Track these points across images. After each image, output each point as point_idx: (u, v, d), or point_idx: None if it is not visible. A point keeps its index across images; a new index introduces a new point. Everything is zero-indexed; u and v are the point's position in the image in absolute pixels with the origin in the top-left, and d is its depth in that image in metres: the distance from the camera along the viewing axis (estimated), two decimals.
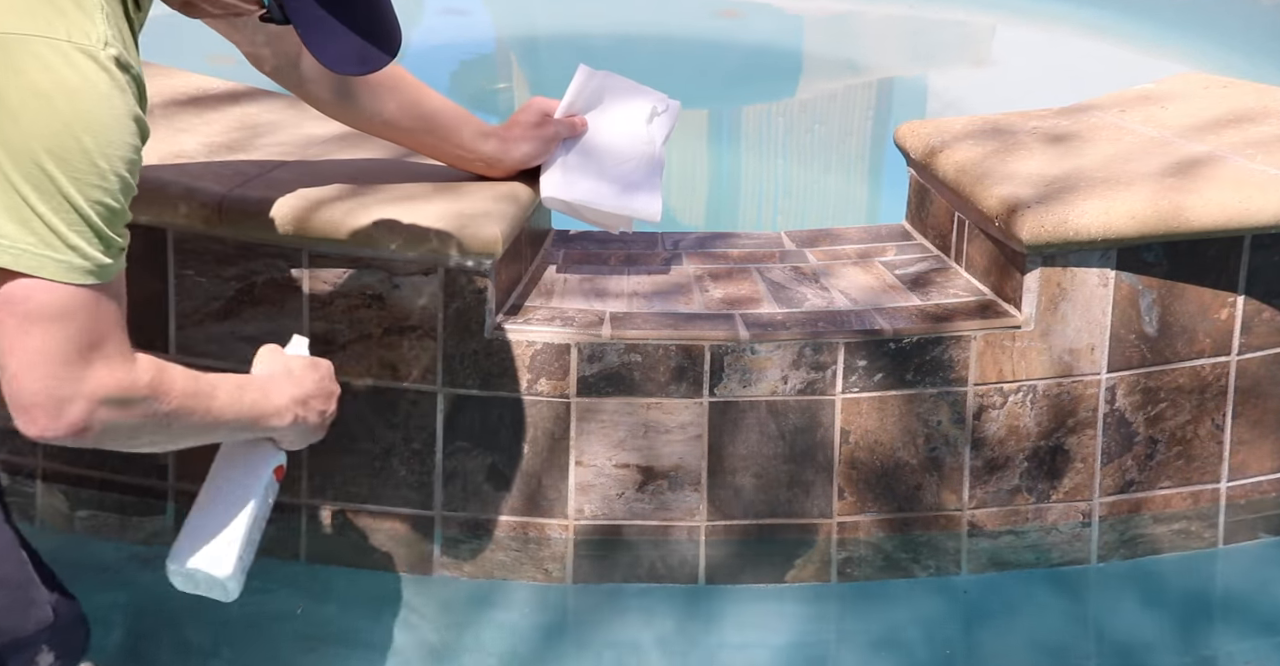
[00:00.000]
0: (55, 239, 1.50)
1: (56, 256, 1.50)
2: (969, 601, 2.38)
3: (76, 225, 1.50)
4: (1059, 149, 2.50)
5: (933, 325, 2.33)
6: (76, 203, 1.50)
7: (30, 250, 1.50)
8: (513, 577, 2.38)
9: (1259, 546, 2.52)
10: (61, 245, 1.50)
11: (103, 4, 1.54)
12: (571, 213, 2.40)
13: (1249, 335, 2.42)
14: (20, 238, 1.49)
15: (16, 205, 1.48)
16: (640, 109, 2.38)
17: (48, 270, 1.51)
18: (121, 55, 1.54)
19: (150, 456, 2.40)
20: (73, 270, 1.52)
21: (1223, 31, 5.62)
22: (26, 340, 1.52)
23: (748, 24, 6.07)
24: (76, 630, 1.87)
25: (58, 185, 1.48)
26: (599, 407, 2.31)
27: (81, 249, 1.51)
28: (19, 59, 1.47)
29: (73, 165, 1.49)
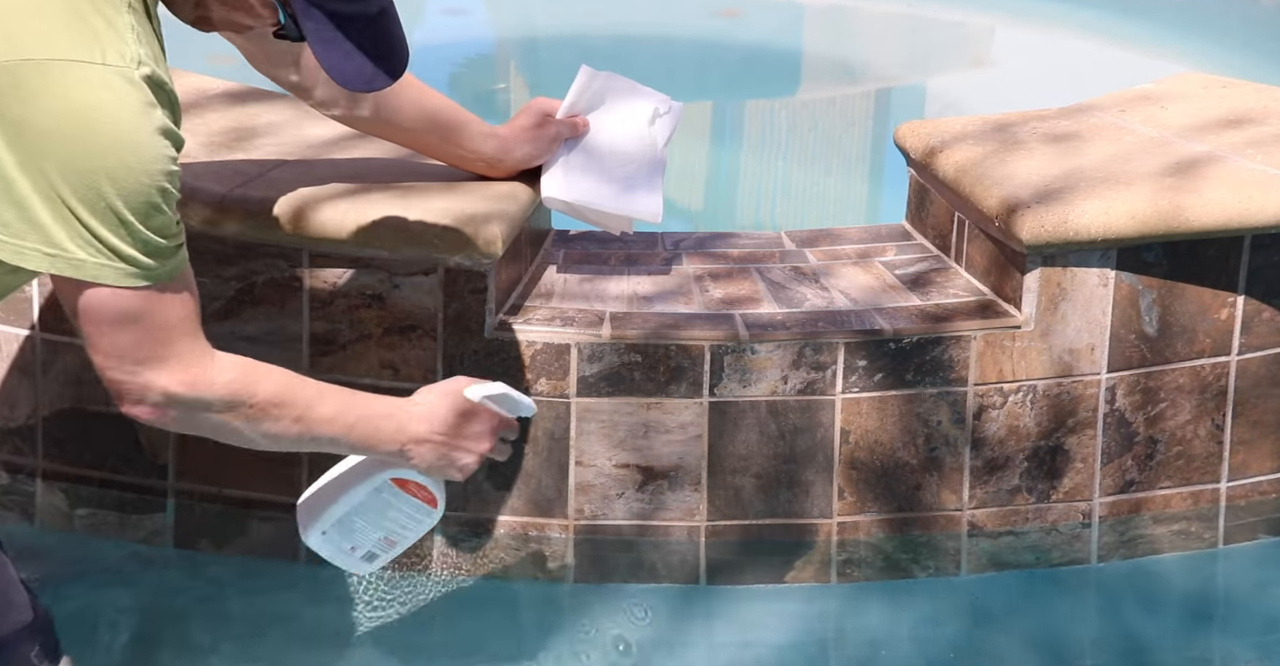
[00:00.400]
0: (110, 251, 1.61)
1: (114, 266, 1.62)
2: (969, 601, 2.38)
3: (127, 237, 1.61)
4: (1059, 149, 2.50)
5: (933, 325, 2.33)
6: (124, 216, 1.60)
7: (90, 262, 1.61)
8: (513, 577, 2.38)
9: (1259, 547, 2.52)
10: (116, 257, 1.61)
11: (132, 24, 1.63)
12: (572, 213, 2.40)
13: (1249, 335, 2.42)
14: (78, 252, 1.60)
15: (72, 223, 1.58)
16: (642, 110, 2.38)
17: (108, 278, 1.63)
18: (154, 73, 1.63)
19: (150, 455, 2.40)
20: (130, 276, 1.63)
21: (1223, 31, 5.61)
22: (105, 341, 1.67)
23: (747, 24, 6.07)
24: (50, 631, 1.91)
25: (108, 202, 1.58)
26: (599, 407, 2.31)
27: (134, 258, 1.62)
28: (60, 85, 1.57)
29: (119, 182, 1.58)
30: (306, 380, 1.86)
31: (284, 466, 2.37)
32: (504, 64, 5.92)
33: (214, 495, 2.40)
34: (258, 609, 2.31)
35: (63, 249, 1.59)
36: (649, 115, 2.38)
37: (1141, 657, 2.30)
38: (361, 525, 2.02)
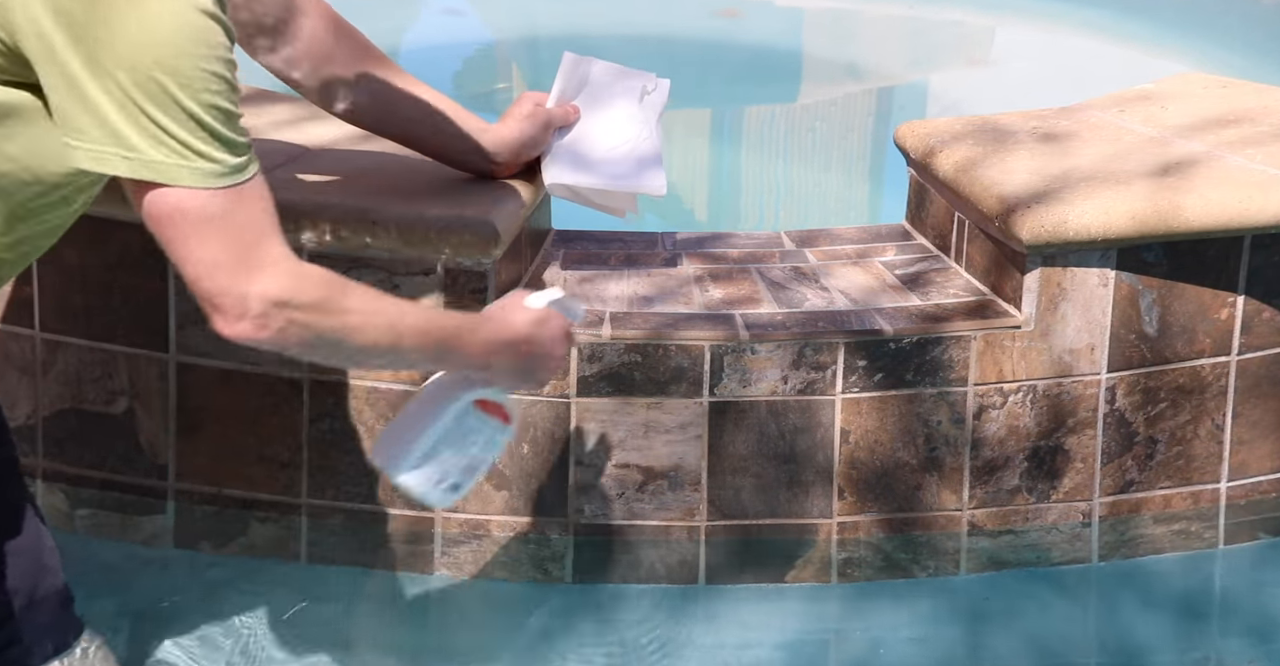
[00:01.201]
0: (183, 148, 1.58)
1: (189, 165, 1.58)
2: (969, 601, 2.38)
3: (197, 132, 1.57)
4: (1059, 149, 2.50)
5: (932, 325, 2.33)
6: (192, 110, 1.57)
7: (164, 161, 1.58)
8: (513, 577, 2.38)
9: (1259, 547, 2.52)
10: (190, 153, 1.58)
11: None
12: (577, 199, 2.40)
13: (1249, 335, 2.42)
14: (151, 151, 1.57)
15: (142, 122, 1.56)
16: (630, 89, 2.39)
17: (185, 178, 1.59)
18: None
19: (150, 455, 2.40)
20: (207, 175, 1.59)
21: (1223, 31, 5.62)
22: (192, 248, 1.62)
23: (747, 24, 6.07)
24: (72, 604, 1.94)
25: (173, 96, 1.56)
26: (599, 407, 2.31)
27: (208, 153, 1.59)
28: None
29: (181, 73, 1.56)
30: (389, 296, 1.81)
31: (283, 467, 2.37)
32: (504, 64, 5.93)
33: (214, 495, 2.41)
34: (258, 609, 2.31)
35: (139, 151, 1.57)
36: (638, 93, 2.38)
37: (1141, 657, 2.30)
38: (447, 453, 1.98)
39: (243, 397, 2.36)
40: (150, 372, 2.37)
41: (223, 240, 1.63)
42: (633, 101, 2.39)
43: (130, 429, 2.39)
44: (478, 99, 5.22)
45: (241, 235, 1.64)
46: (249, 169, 1.64)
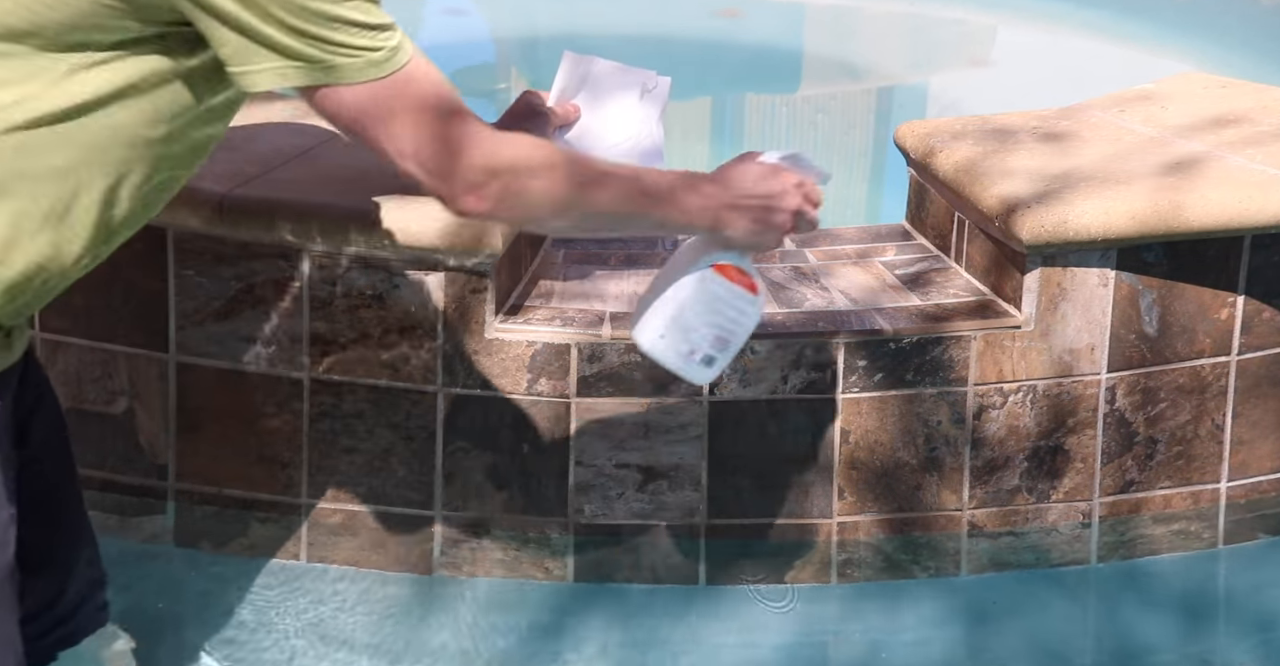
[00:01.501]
0: (337, 46, 1.57)
1: (356, 61, 1.59)
2: (969, 601, 2.38)
3: (349, 29, 1.57)
4: (1059, 149, 2.50)
5: (933, 325, 2.33)
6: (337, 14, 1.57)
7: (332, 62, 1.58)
8: (513, 577, 2.38)
9: (1259, 546, 2.52)
10: (353, 50, 1.58)
11: None
12: None
13: (1249, 335, 2.42)
14: (314, 56, 1.57)
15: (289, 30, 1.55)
16: (631, 86, 2.34)
17: (355, 74, 1.59)
18: None
19: (150, 455, 2.40)
20: (373, 66, 1.60)
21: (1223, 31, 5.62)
22: (393, 138, 1.63)
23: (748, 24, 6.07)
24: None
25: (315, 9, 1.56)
26: (599, 407, 2.31)
27: (367, 46, 1.59)
28: None
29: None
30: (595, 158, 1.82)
31: (284, 467, 2.37)
32: (504, 64, 5.93)
33: (214, 495, 2.41)
34: (258, 608, 2.31)
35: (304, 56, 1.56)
36: (638, 91, 2.34)
37: (1141, 657, 2.30)
38: (694, 322, 1.95)
39: (243, 397, 2.36)
40: (150, 372, 2.37)
41: (416, 123, 1.63)
42: (633, 99, 2.38)
43: (130, 429, 2.39)
44: (478, 99, 5.22)
45: (431, 113, 1.64)
46: (407, 46, 1.63)
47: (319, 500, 2.38)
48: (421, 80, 1.64)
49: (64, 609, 1.93)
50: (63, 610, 1.93)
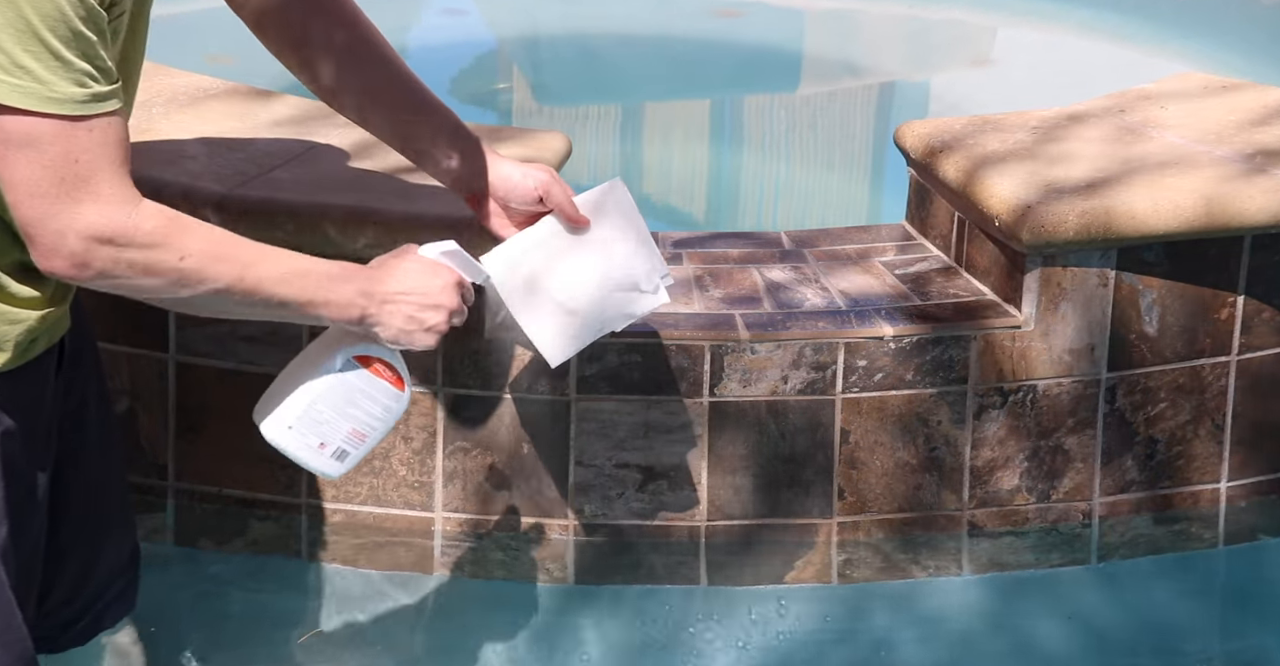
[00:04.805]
0: (8, 62, 1.49)
1: (10, 81, 1.50)
2: (969, 601, 2.38)
3: (36, 51, 1.50)
4: (1059, 149, 2.50)
5: (933, 325, 2.33)
6: (33, 24, 1.49)
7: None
8: (513, 577, 2.38)
9: (1259, 547, 2.52)
10: (15, 68, 1.49)
11: None
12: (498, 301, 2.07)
13: (1249, 335, 2.42)
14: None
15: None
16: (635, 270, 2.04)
17: (4, 96, 1.50)
18: None
19: (150, 455, 2.40)
20: (29, 96, 1.51)
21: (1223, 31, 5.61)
22: (13, 170, 1.54)
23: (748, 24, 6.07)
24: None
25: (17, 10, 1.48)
26: (599, 407, 2.31)
27: (41, 77, 1.50)
28: None
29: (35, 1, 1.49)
30: (248, 240, 1.69)
31: (284, 466, 2.37)
32: (504, 64, 5.92)
33: (214, 494, 2.41)
34: (258, 607, 2.31)
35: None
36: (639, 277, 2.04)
37: (1142, 657, 2.31)
38: (329, 415, 1.84)
39: (243, 397, 2.34)
40: (150, 372, 2.37)
41: (44, 167, 1.53)
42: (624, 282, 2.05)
43: (130, 428, 2.39)
44: (478, 99, 5.22)
45: (68, 167, 1.54)
46: (95, 105, 1.54)
47: (319, 500, 2.38)
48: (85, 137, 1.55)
49: (91, 598, 1.94)
50: (90, 599, 1.93)
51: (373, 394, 1.85)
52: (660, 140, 4.88)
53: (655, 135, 4.95)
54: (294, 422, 1.83)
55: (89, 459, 1.88)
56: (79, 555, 1.91)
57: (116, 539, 1.98)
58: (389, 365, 1.84)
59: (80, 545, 1.90)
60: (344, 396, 1.84)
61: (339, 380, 1.83)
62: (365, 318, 1.76)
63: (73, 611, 1.93)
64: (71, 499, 1.86)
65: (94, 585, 1.96)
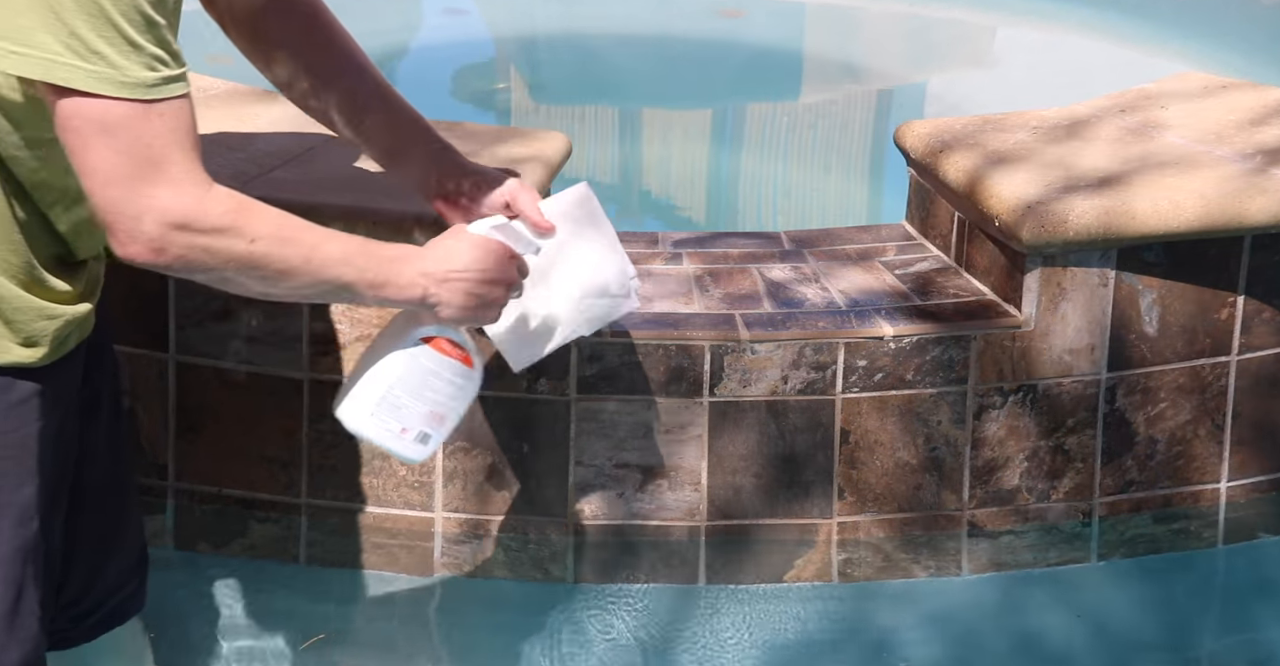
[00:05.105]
0: (86, 50, 1.51)
1: (86, 66, 1.51)
2: (969, 601, 2.38)
3: (108, 34, 1.51)
4: (1059, 149, 2.50)
5: (932, 325, 2.33)
6: (106, 9, 1.51)
7: (59, 60, 1.51)
8: (513, 577, 2.38)
9: (1259, 547, 2.52)
10: (93, 56, 1.51)
11: None
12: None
13: (1249, 335, 2.42)
14: (50, 47, 1.50)
15: (50, 15, 1.49)
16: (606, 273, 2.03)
17: (79, 81, 1.52)
18: None
19: (150, 455, 2.40)
20: (107, 82, 1.52)
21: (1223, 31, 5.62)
22: (90, 156, 1.55)
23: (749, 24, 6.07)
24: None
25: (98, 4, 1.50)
26: (599, 407, 2.31)
27: (114, 61, 1.52)
28: None
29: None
30: (311, 223, 1.71)
31: (284, 467, 2.37)
32: (504, 64, 5.93)
33: (214, 495, 2.41)
34: (258, 609, 2.31)
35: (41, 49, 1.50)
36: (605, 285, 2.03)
37: (1142, 657, 2.31)
38: (405, 399, 1.87)
39: (243, 397, 2.36)
40: (150, 372, 2.37)
41: (118, 153, 1.54)
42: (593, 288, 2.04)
43: (130, 428, 2.39)
44: (478, 99, 5.22)
45: (143, 151, 1.55)
46: (166, 88, 1.55)
47: (319, 500, 2.38)
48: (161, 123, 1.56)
49: (103, 595, 1.95)
50: (101, 596, 1.95)
51: (444, 374, 1.88)
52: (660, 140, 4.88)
53: (655, 135, 4.96)
54: (374, 410, 1.86)
55: (102, 456, 1.89)
56: (92, 552, 1.92)
57: (127, 537, 1.99)
58: (456, 344, 1.87)
59: (93, 542, 1.91)
60: (418, 379, 1.87)
61: (411, 363, 1.86)
62: (427, 297, 1.78)
63: (83, 608, 1.94)
64: (86, 496, 1.87)
65: (106, 582, 1.96)
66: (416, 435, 1.88)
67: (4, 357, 1.62)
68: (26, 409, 1.66)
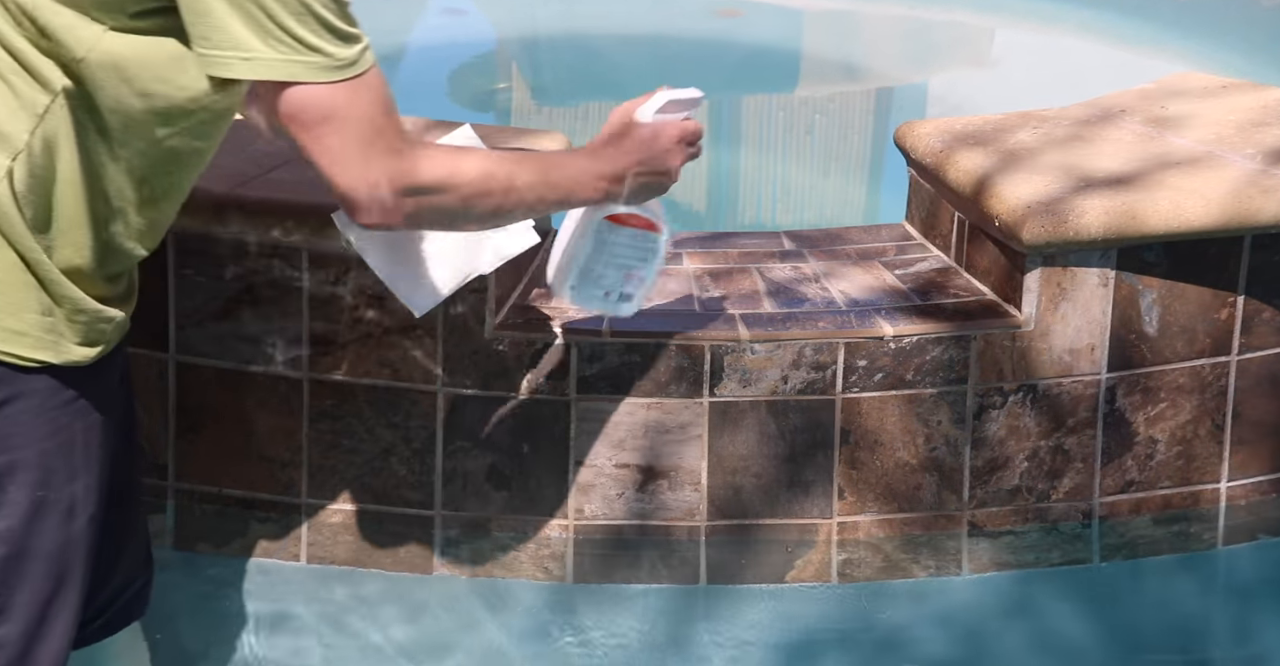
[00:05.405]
0: (299, 44, 1.58)
1: (306, 60, 1.59)
2: (969, 601, 2.38)
3: (311, 24, 1.58)
4: (1059, 149, 2.50)
5: (933, 325, 2.33)
6: (309, 4, 1.58)
7: (281, 59, 1.58)
8: (513, 577, 2.38)
9: (1259, 547, 2.52)
10: (305, 48, 1.58)
11: None
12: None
13: (1249, 335, 2.42)
14: (269, 51, 1.58)
15: (259, 19, 1.56)
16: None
17: (303, 74, 1.59)
18: None
19: (150, 455, 2.40)
20: (324, 69, 1.60)
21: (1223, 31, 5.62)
22: (321, 143, 1.64)
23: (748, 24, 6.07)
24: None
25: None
26: (599, 407, 2.31)
27: (322, 48, 1.59)
28: None
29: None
30: (497, 154, 1.86)
31: (284, 467, 2.37)
32: (504, 64, 5.93)
33: (214, 495, 2.41)
34: (258, 609, 2.31)
35: (256, 51, 1.58)
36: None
37: (1142, 657, 2.31)
38: (601, 269, 2.07)
39: (243, 397, 2.36)
40: (150, 372, 2.37)
41: (347, 134, 1.64)
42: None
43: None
44: (478, 99, 5.22)
45: (366, 126, 1.65)
46: (365, 59, 1.64)
47: (319, 500, 2.38)
48: (367, 95, 1.64)
49: (112, 595, 1.96)
50: (111, 595, 1.96)
51: (633, 243, 2.07)
52: None
53: None
54: (575, 282, 2.08)
55: (124, 454, 1.92)
56: (105, 551, 1.93)
57: (136, 537, 2.00)
58: (637, 215, 2.05)
59: (107, 541, 1.92)
60: (609, 252, 2.06)
61: (600, 240, 2.05)
62: (610, 195, 1.95)
63: (92, 609, 1.95)
64: (113, 494, 1.89)
65: (116, 582, 1.97)
66: (619, 295, 2.11)
67: (63, 357, 1.67)
68: (78, 406, 1.70)
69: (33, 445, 1.68)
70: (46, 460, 1.69)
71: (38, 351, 1.65)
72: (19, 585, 1.70)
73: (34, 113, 1.60)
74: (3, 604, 1.69)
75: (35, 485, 1.69)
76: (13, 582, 1.70)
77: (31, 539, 1.70)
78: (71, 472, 1.72)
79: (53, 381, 1.67)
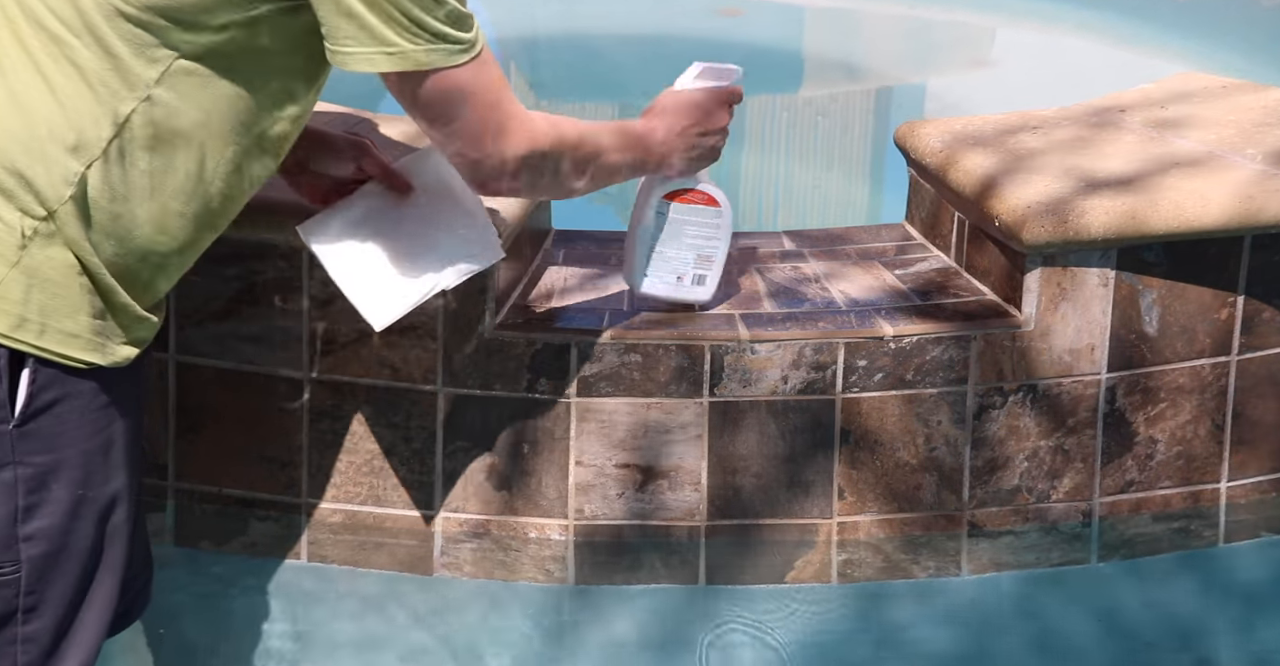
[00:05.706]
0: (430, 34, 1.68)
1: (440, 47, 1.69)
2: (969, 601, 2.38)
3: (436, 11, 1.67)
4: (1059, 149, 2.50)
5: (933, 325, 2.33)
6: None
7: (418, 50, 1.68)
8: (513, 577, 2.38)
9: (1259, 546, 2.52)
10: (436, 37, 1.69)
11: None
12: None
13: (1249, 335, 2.42)
14: (408, 44, 1.68)
15: (394, 16, 1.66)
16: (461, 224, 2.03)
17: (439, 61, 1.70)
18: None
19: (150, 455, 2.40)
20: (455, 54, 1.71)
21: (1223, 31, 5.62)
22: (455, 124, 1.77)
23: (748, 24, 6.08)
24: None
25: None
26: (599, 407, 2.31)
27: (450, 34, 1.69)
28: None
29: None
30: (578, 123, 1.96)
31: (283, 466, 2.37)
32: (504, 64, 5.93)
33: (214, 494, 2.41)
34: (258, 608, 2.31)
35: (396, 45, 1.66)
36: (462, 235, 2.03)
37: (1142, 658, 2.31)
38: (670, 253, 2.18)
39: (243, 397, 2.36)
40: (150, 372, 2.37)
41: (476, 112, 1.76)
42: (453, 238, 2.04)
43: None
44: None
45: (491, 102, 1.77)
46: (480, 37, 1.74)
47: (319, 500, 2.38)
48: (486, 71, 1.75)
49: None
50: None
51: (695, 220, 2.16)
52: None
53: None
54: (649, 271, 2.19)
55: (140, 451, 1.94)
56: None
57: (141, 534, 2.00)
58: (695, 190, 2.16)
59: None
60: (673, 232, 2.16)
61: (661, 221, 2.16)
62: (661, 165, 2.11)
63: None
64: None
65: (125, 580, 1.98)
66: (693, 278, 2.20)
67: (109, 359, 1.71)
68: (117, 407, 1.74)
69: (77, 445, 1.71)
70: (88, 460, 1.72)
71: (88, 353, 1.69)
72: (54, 582, 1.72)
73: (114, 121, 1.62)
74: (36, 600, 1.71)
75: (77, 484, 1.72)
76: (49, 578, 1.72)
77: (70, 537, 1.72)
78: (109, 472, 1.75)
79: (97, 383, 1.71)
